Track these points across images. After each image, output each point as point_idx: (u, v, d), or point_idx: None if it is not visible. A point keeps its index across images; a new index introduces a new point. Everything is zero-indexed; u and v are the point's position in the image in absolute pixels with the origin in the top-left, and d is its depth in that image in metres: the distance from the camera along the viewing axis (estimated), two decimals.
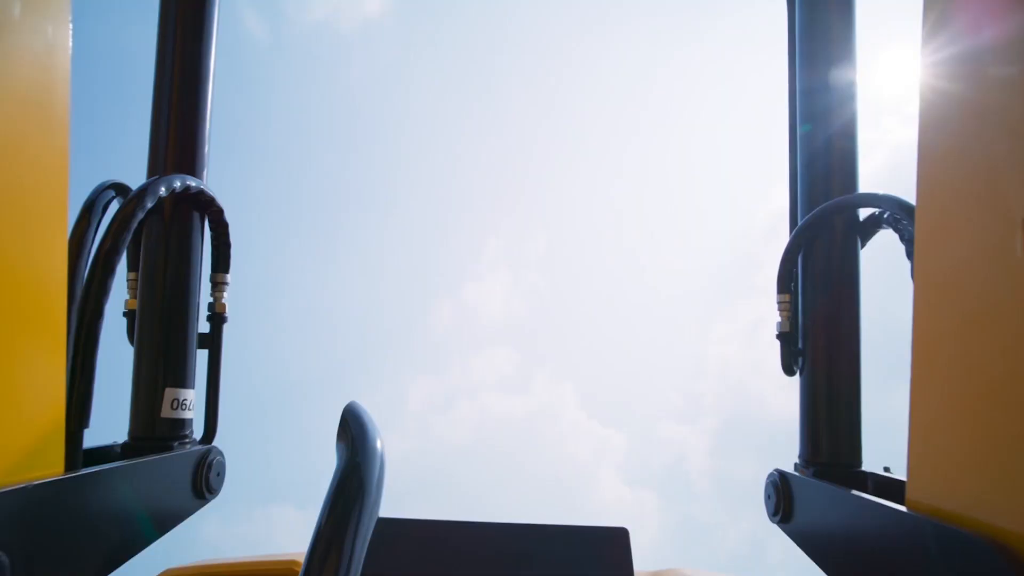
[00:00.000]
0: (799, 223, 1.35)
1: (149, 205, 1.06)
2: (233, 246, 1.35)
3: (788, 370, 1.35)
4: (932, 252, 0.83)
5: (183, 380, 1.24)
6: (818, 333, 1.30)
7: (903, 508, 0.90)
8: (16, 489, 0.75)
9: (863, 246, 1.32)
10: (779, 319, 1.36)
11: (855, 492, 1.03)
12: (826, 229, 1.30)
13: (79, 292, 0.97)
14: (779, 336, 1.35)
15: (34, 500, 0.79)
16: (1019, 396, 0.68)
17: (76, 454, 0.92)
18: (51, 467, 0.84)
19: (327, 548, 0.71)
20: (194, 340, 1.28)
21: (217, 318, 1.32)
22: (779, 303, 1.35)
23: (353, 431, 0.82)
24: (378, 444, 0.81)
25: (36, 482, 0.79)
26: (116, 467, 0.96)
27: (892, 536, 0.92)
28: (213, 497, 1.22)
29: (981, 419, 0.75)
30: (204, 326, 1.32)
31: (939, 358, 0.83)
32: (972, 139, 0.76)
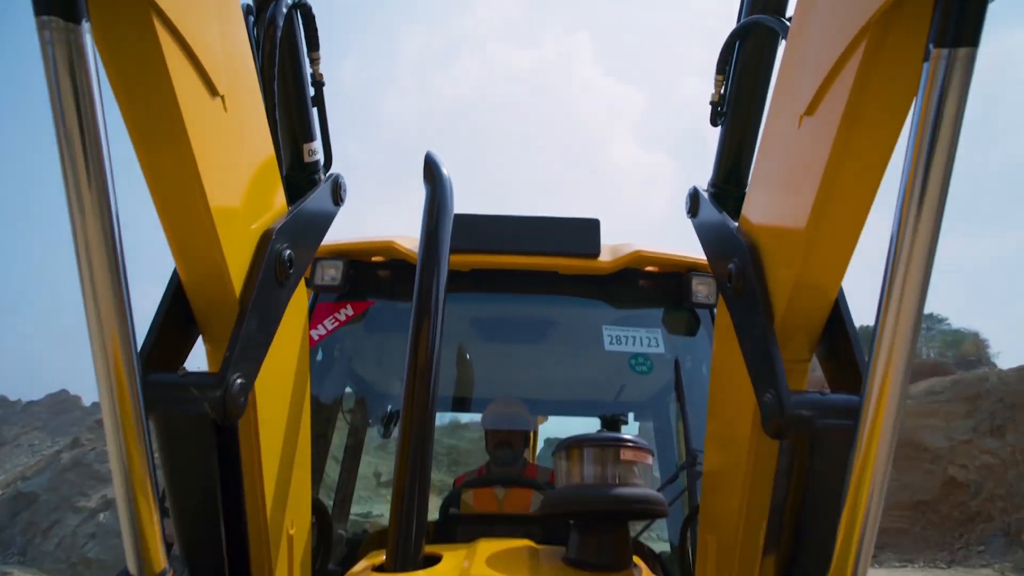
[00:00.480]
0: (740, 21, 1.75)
1: (280, 22, 1.52)
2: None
3: (713, 123, 1.84)
4: (778, 92, 1.36)
5: (311, 135, 1.81)
6: (737, 102, 1.77)
7: (734, 223, 1.53)
8: (293, 214, 1.43)
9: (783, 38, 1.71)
10: (712, 91, 1.80)
11: (721, 213, 1.62)
12: (756, 30, 1.68)
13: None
14: (711, 103, 1.81)
15: (301, 218, 1.47)
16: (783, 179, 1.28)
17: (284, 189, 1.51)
18: (279, 200, 1.46)
19: (432, 238, 1.36)
20: (309, 102, 1.79)
21: (318, 84, 1.81)
22: (715, 80, 1.79)
23: (435, 172, 1.49)
24: (446, 173, 1.49)
25: (296, 207, 1.47)
26: (314, 193, 1.64)
27: (724, 238, 1.54)
28: (343, 204, 1.81)
29: (777, 181, 1.33)
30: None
31: (776, 137, 1.37)
32: (797, 53, 1.26)
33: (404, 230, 2.44)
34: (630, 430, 3.28)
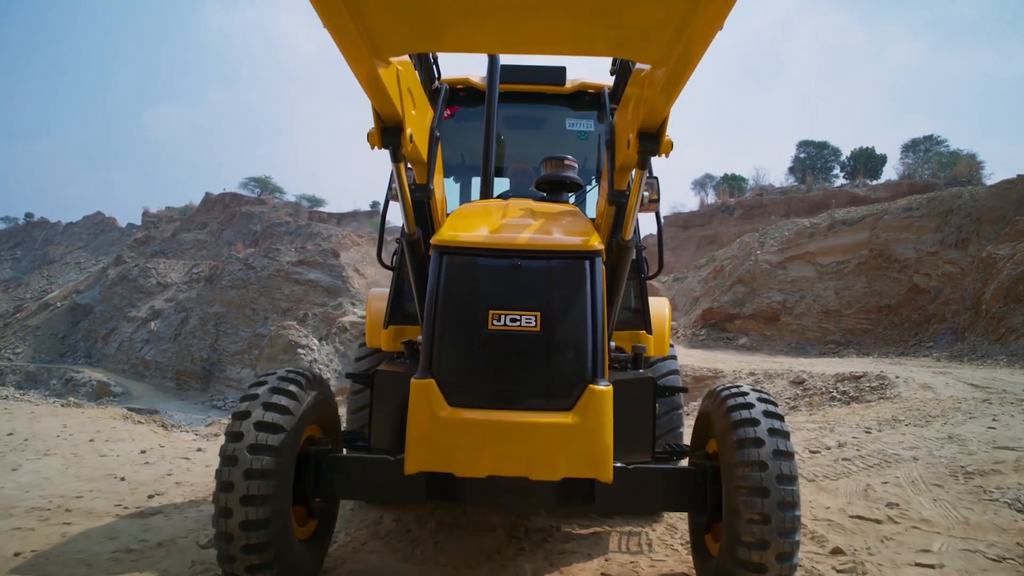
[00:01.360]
0: None
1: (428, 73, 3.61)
2: None
3: (611, 75, 3.44)
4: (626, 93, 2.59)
5: (432, 79, 3.81)
6: (618, 74, 3.39)
7: (612, 114, 3.13)
8: (436, 115, 3.32)
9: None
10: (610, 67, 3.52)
11: (609, 107, 4.02)
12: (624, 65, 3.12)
13: None
14: (610, 71, 3.46)
15: (437, 115, 3.55)
16: None
17: None
18: (430, 111, 2.96)
19: (491, 80, 3.43)
20: (433, 68, 3.82)
21: (435, 56, 3.74)
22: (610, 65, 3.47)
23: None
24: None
25: (438, 111, 3.61)
26: (438, 102, 3.82)
27: (607, 124, 2.87)
28: (448, 95, 3.93)
29: None
30: None
31: (627, 99, 2.54)
32: (632, 93, 2.43)
33: (471, 70, 4.50)
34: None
